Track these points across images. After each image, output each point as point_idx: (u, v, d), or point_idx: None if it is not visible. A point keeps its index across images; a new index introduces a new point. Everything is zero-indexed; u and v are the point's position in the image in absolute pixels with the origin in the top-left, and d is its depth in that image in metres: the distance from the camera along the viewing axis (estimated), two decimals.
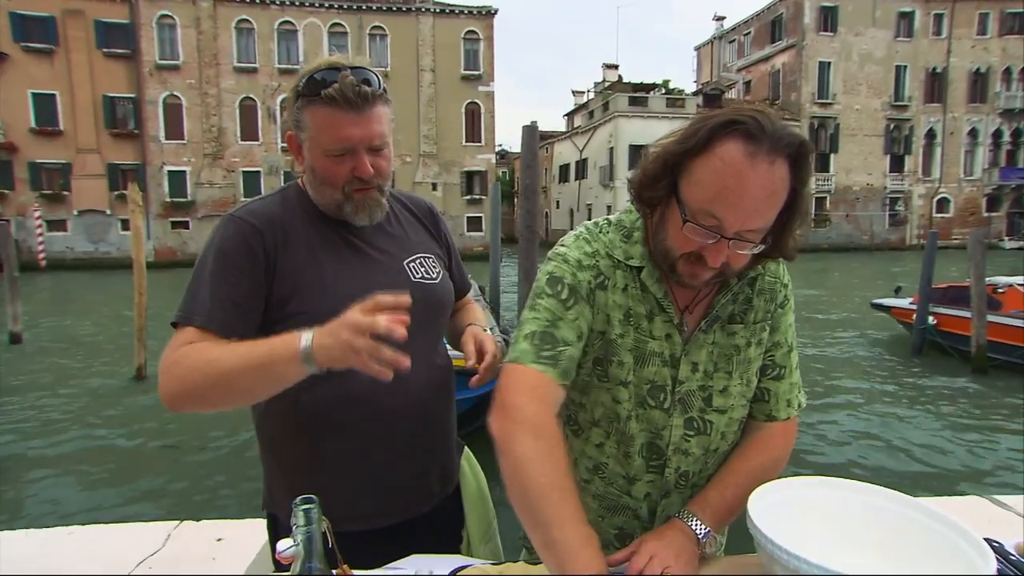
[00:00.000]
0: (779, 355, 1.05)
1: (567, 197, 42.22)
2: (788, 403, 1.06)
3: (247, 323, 1.04)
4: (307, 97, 1.07)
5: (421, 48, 32.33)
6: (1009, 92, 37.58)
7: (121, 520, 1.62)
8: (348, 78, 1.04)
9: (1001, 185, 37.95)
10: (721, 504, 0.97)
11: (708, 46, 48.19)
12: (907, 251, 35.55)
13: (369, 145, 1.09)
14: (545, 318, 0.94)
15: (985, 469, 5.63)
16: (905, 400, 7.77)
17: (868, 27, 36.88)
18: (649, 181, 0.90)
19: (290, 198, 1.16)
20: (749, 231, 0.84)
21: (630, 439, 1.00)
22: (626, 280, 0.98)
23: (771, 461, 1.03)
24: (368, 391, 1.07)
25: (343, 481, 1.13)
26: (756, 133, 0.80)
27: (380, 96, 1.09)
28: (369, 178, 1.10)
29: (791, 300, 1.07)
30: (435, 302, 1.23)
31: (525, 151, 7.16)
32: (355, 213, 1.13)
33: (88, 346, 11.14)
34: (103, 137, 29.53)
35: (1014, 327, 8.59)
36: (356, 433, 1.12)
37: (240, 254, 1.06)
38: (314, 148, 1.09)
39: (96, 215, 29.63)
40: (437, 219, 1.37)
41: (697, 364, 0.99)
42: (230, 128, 30.91)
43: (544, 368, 0.90)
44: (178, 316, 1.04)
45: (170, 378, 0.98)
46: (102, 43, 28.98)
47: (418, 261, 1.23)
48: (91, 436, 6.53)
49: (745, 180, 0.80)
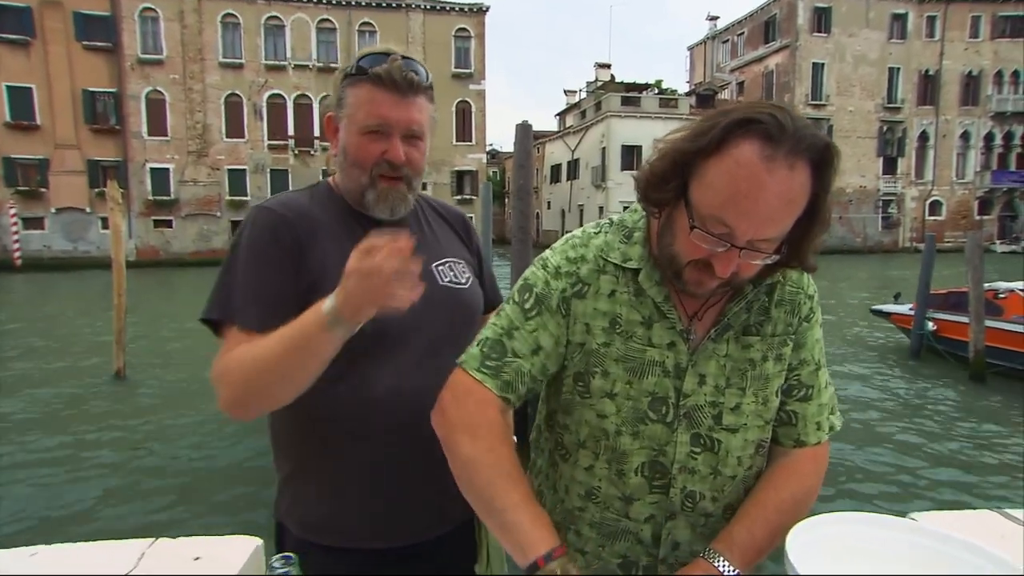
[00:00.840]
0: (805, 374, 0.97)
1: (558, 198, 42.03)
2: (818, 426, 0.98)
3: (284, 315, 0.99)
4: (353, 76, 1.08)
5: (411, 45, 32.00)
6: (1001, 95, 37.90)
7: (91, 538, 1.49)
8: (397, 62, 1.07)
9: (993, 188, 38.28)
10: (749, 542, 0.88)
11: (701, 46, 48.27)
12: (900, 253, 35.90)
13: (406, 131, 1.08)
14: (502, 326, 0.94)
15: (982, 480, 5.56)
16: (901, 408, 7.71)
17: (862, 28, 37.05)
18: (657, 181, 0.83)
19: (319, 193, 1.17)
20: (762, 240, 0.78)
21: (623, 456, 0.93)
22: (614, 285, 0.93)
23: (802, 492, 0.94)
24: (388, 398, 1.07)
25: (355, 492, 1.10)
26: (775, 134, 0.74)
27: (425, 89, 1.11)
28: (400, 164, 1.09)
29: (817, 313, 0.99)
30: (463, 308, 1.20)
31: (519, 150, 7.01)
32: (377, 202, 1.11)
33: (64, 349, 10.76)
34: (83, 132, 28.86)
35: (1015, 333, 8.45)
36: (372, 442, 1.09)
37: (270, 245, 1.05)
38: (350, 126, 1.09)
39: (75, 213, 28.97)
40: (470, 229, 1.35)
41: (705, 377, 0.91)
42: (215, 125, 30.55)
43: (484, 377, 0.90)
44: (217, 313, 1.03)
45: (224, 387, 0.98)
46: (81, 35, 28.27)
47: (447, 265, 1.21)
48: (62, 446, 6.20)
49: (761, 186, 0.74)
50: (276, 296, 1.04)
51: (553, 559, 0.79)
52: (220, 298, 1.04)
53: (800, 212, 0.78)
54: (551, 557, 0.79)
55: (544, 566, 0.78)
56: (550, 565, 0.78)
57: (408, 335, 1.10)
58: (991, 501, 5.04)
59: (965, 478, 5.54)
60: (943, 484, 5.42)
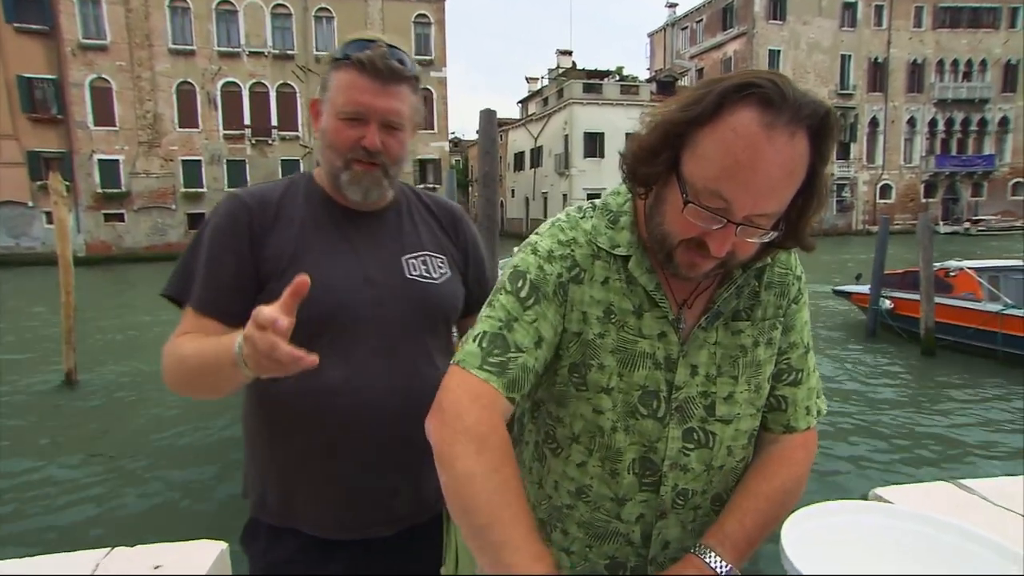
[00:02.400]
0: (795, 357, 0.94)
1: (522, 185, 41.95)
2: (807, 411, 0.95)
3: (243, 301, 1.01)
4: (338, 61, 1.09)
5: (370, 32, 31.20)
6: (943, 83, 39.44)
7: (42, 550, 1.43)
8: (381, 49, 1.07)
9: (937, 172, 39.92)
10: (741, 535, 0.84)
11: (661, 33, 48.65)
12: (853, 236, 37.08)
13: (383, 119, 1.08)
14: (499, 318, 0.84)
15: (934, 452, 5.80)
16: (855, 384, 7.99)
17: (815, 16, 38.00)
18: (646, 155, 0.77)
19: (296, 183, 1.18)
20: (760, 215, 0.72)
21: (617, 454, 0.87)
22: (607, 272, 0.86)
23: (793, 480, 0.90)
24: (338, 387, 1.06)
25: (307, 480, 1.10)
26: (775, 99, 0.68)
27: (409, 78, 1.10)
28: (375, 151, 1.08)
29: (805, 294, 0.95)
30: (430, 303, 1.17)
31: (483, 137, 6.91)
32: (349, 184, 1.11)
33: (10, 351, 10.24)
34: (20, 122, 27.28)
35: (962, 308, 8.93)
36: (323, 431, 1.08)
37: (227, 231, 1.08)
38: (330, 109, 1.09)
39: (16, 207, 27.47)
40: (459, 224, 1.31)
41: (697, 367, 0.86)
42: (167, 114, 29.35)
43: (488, 376, 0.80)
44: (175, 291, 1.09)
45: (164, 369, 1.05)
46: (11, 17, 26.56)
47: (421, 258, 1.18)
48: (8, 454, 5.86)
49: (760, 155, 0.69)
50: (230, 282, 1.07)
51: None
52: (180, 277, 1.10)
53: (799, 185, 0.73)
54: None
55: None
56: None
57: (362, 326, 1.10)
58: (944, 471, 5.30)
59: (918, 451, 5.79)
60: (897, 458, 5.64)
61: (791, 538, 0.73)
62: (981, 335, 8.62)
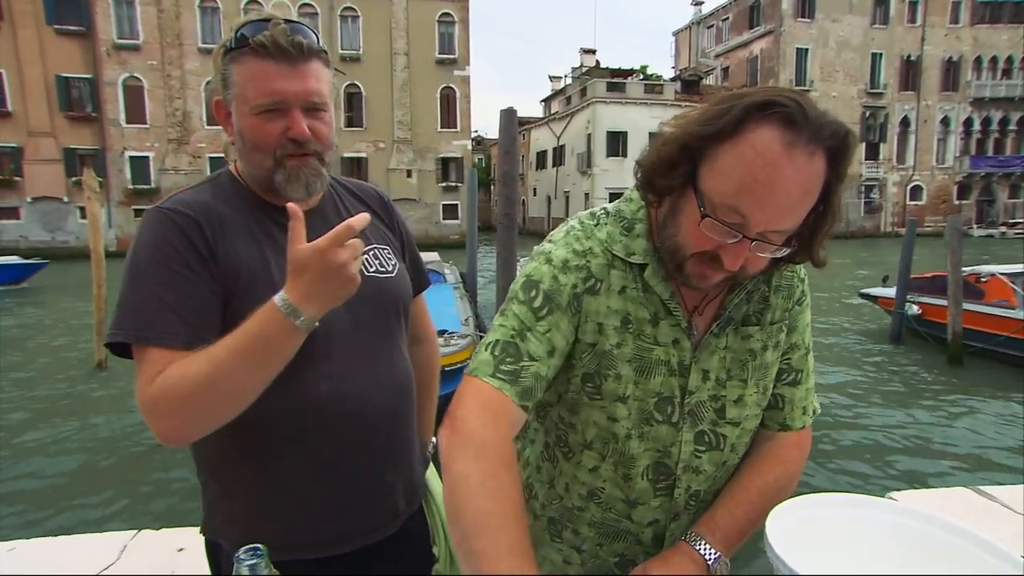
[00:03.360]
0: (796, 358, 0.96)
1: (544, 184, 41.87)
2: (803, 410, 0.97)
3: (209, 326, 0.92)
4: (235, 51, 0.95)
5: (395, 31, 31.55)
6: (979, 81, 38.27)
7: (72, 531, 1.57)
8: (280, 26, 0.94)
9: (971, 173, 38.77)
10: (732, 525, 0.87)
11: (686, 31, 48.09)
12: (881, 238, 36.31)
13: (305, 103, 0.96)
14: (512, 327, 0.84)
15: (956, 459, 5.72)
16: (879, 389, 7.87)
17: (845, 14, 37.14)
18: (664, 167, 0.78)
19: (222, 185, 1.05)
20: (775, 231, 0.74)
21: (631, 460, 0.89)
22: (624, 281, 0.87)
23: (786, 476, 0.93)
24: (327, 399, 1.00)
25: (298, 504, 1.02)
26: (798, 119, 0.69)
27: (318, 52, 0.98)
28: (305, 140, 0.97)
29: (808, 296, 0.97)
30: (391, 299, 1.12)
31: (503, 136, 6.96)
32: (287, 183, 0.99)
33: (44, 341, 10.63)
34: (58, 120, 28.10)
35: (993, 316, 8.67)
36: (310, 448, 1.01)
37: (182, 251, 0.93)
38: (241, 106, 0.96)
39: (52, 202, 28.31)
40: (389, 207, 1.25)
41: (708, 372, 0.89)
42: (195, 112, 29.92)
43: (501, 384, 0.80)
44: (129, 334, 0.89)
45: (162, 417, 0.86)
46: (52, 19, 27.38)
47: (371, 253, 1.11)
48: (41, 438, 6.12)
49: (780, 173, 0.70)
50: (198, 307, 0.92)
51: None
52: (129, 317, 0.90)
53: (814, 203, 0.75)
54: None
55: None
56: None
57: (336, 333, 1.02)
58: (963, 479, 5.18)
59: (939, 458, 5.68)
60: (917, 464, 5.55)
61: (776, 526, 0.76)
62: (1013, 343, 8.36)
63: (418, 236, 24.58)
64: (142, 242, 0.95)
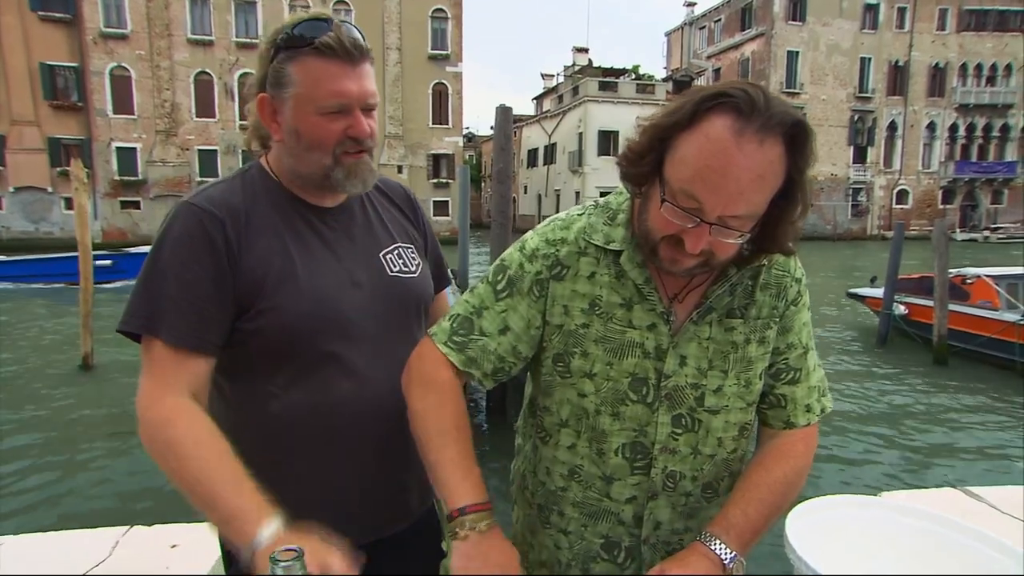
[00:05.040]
0: (793, 357, 0.98)
1: (535, 182, 41.87)
2: (808, 408, 0.99)
3: (218, 329, 0.96)
4: (293, 49, 0.96)
5: (387, 25, 31.37)
6: (965, 87, 38.83)
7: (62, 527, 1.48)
8: (343, 27, 0.96)
9: (956, 178, 39.38)
10: (745, 524, 0.88)
11: (678, 32, 48.28)
12: (868, 241, 36.75)
13: (365, 103, 0.99)
14: (473, 305, 0.97)
15: (943, 459, 5.80)
16: (865, 389, 7.94)
17: (835, 18, 37.54)
18: (635, 156, 0.84)
19: (252, 181, 1.05)
20: (733, 217, 0.78)
21: (603, 436, 0.95)
22: (593, 267, 0.93)
23: (793, 472, 0.95)
24: (342, 399, 1.03)
25: (313, 497, 1.01)
26: (746, 109, 0.74)
27: (369, 53, 1.01)
28: (366, 138, 1.00)
29: (805, 296, 0.99)
30: (413, 299, 1.14)
31: (498, 133, 6.96)
32: (347, 179, 1.02)
33: (27, 335, 10.38)
34: (42, 109, 27.68)
35: (978, 317, 8.79)
36: (330, 445, 1.04)
37: (199, 248, 0.94)
38: (303, 106, 0.97)
39: (36, 192, 27.91)
40: (415, 205, 1.26)
41: (686, 358, 0.92)
42: (184, 104, 29.60)
43: (448, 351, 0.95)
44: (140, 324, 0.92)
45: (145, 440, 0.92)
46: (36, 6, 26.94)
47: (396, 252, 1.14)
48: (27, 435, 5.99)
49: (729, 160, 0.74)
50: (210, 308, 0.94)
51: (467, 513, 0.84)
52: (143, 307, 0.93)
53: (772, 191, 0.78)
54: (465, 511, 0.84)
55: (458, 518, 0.84)
56: (460, 520, 0.83)
57: (358, 332, 1.04)
58: (949, 479, 5.26)
59: (926, 458, 5.76)
60: (904, 465, 5.62)
61: (795, 527, 0.77)
62: (996, 344, 8.50)
63: None
64: (167, 236, 0.96)
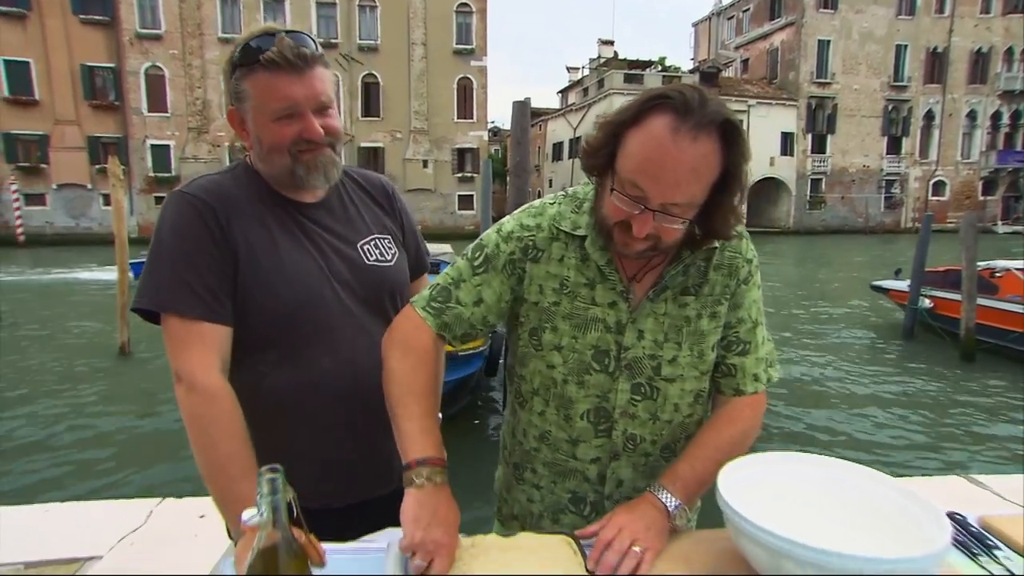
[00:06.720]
0: (743, 331, 1.08)
1: (560, 176, 41.72)
2: (755, 377, 1.09)
3: (223, 302, 1.05)
4: (245, 67, 1.07)
5: (412, 21, 31.53)
6: (1010, 73, 37.25)
7: (102, 498, 1.71)
8: (284, 40, 1.05)
9: (998, 168, 37.86)
10: (691, 477, 0.98)
11: (706, 22, 47.41)
12: (902, 234, 35.63)
13: (315, 105, 1.09)
14: (452, 277, 1.07)
15: (962, 452, 5.72)
16: (889, 382, 7.83)
17: (869, 4, 36.33)
18: (592, 150, 0.95)
19: (240, 176, 1.16)
20: (674, 205, 0.88)
21: (570, 403, 1.06)
22: (563, 251, 1.04)
23: (740, 434, 1.05)
24: (326, 376, 1.12)
25: (303, 466, 1.07)
26: (681, 109, 0.84)
27: (319, 58, 1.10)
28: (319, 139, 1.09)
29: (756, 276, 1.09)
30: (388, 286, 1.23)
31: (515, 128, 7.04)
32: (308, 174, 1.11)
33: (69, 323, 10.90)
34: (82, 108, 28.64)
35: (1008, 311, 8.53)
36: (316, 419, 1.13)
37: (197, 231, 1.05)
38: (259, 116, 1.08)
39: (76, 189, 28.91)
40: (391, 196, 1.35)
41: (643, 332, 1.03)
42: (215, 101, 30.19)
43: (426, 315, 1.05)
44: (152, 302, 1.03)
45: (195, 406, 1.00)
46: (78, 9, 27.89)
47: (372, 243, 1.23)
48: (71, 413, 6.39)
49: (666, 153, 0.84)
50: (216, 283, 1.05)
51: (424, 465, 0.91)
52: (153, 287, 1.04)
53: (709, 182, 0.88)
54: (423, 463, 0.91)
55: (416, 468, 0.91)
56: (418, 469, 0.91)
57: (341, 314, 1.14)
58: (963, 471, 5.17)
59: (948, 452, 5.68)
60: (926, 458, 5.55)
61: (727, 479, 0.86)
62: None
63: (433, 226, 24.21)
64: (165, 223, 1.08)
